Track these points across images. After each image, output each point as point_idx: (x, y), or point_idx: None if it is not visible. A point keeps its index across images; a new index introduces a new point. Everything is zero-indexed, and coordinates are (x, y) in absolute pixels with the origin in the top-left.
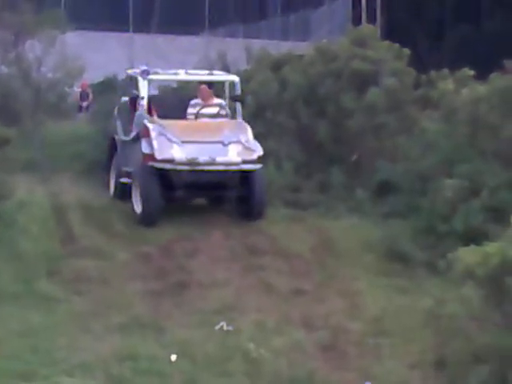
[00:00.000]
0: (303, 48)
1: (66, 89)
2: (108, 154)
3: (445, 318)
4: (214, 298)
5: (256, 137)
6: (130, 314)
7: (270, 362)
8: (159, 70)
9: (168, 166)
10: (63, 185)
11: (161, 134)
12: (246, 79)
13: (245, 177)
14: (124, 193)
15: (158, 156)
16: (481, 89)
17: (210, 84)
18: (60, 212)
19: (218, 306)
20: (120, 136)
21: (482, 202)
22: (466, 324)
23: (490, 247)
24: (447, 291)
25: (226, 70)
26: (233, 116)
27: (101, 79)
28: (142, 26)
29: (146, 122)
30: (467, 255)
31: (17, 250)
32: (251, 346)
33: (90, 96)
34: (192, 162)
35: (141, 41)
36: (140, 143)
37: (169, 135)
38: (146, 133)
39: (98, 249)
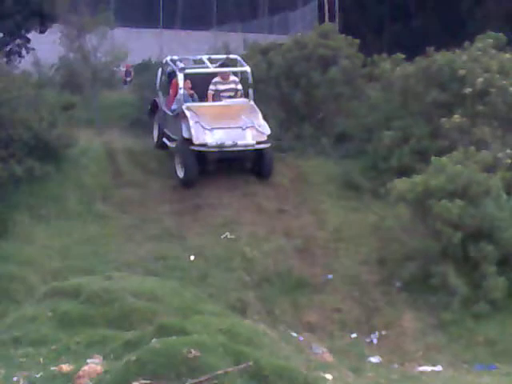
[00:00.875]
0: (284, 39)
1: (115, 68)
2: (150, 112)
3: (385, 229)
4: (220, 216)
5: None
6: (161, 227)
7: (261, 261)
8: (189, 57)
9: (203, 149)
10: (114, 136)
11: (196, 121)
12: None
13: (258, 151)
14: (163, 145)
15: (195, 141)
16: (410, 68)
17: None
18: (111, 155)
19: (223, 221)
20: (162, 106)
21: (410, 147)
22: (399, 233)
23: (417, 179)
24: (386, 210)
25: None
26: (246, 95)
27: (139, 62)
28: (169, 23)
29: (184, 107)
30: (400, 184)
31: (80, 182)
32: (247, 249)
33: (132, 74)
34: (220, 146)
35: (167, 34)
36: (180, 124)
37: (202, 123)
38: (184, 117)
39: (138, 181)
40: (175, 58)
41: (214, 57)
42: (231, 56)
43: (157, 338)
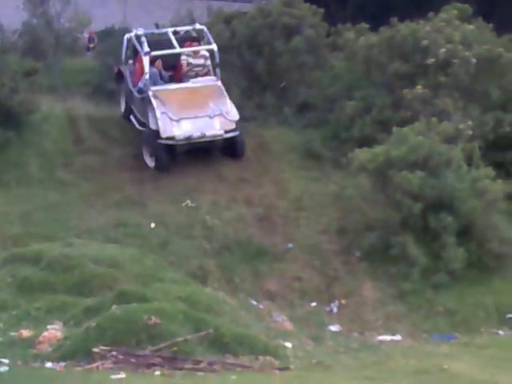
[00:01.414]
0: (248, 8)
1: (78, 35)
2: (116, 79)
3: (345, 199)
4: (181, 184)
5: None
6: (122, 194)
7: (221, 229)
8: (154, 31)
9: (170, 142)
10: (76, 103)
11: (163, 112)
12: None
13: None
14: (129, 117)
15: (163, 134)
16: (373, 38)
17: (196, 39)
18: (73, 122)
19: (184, 189)
20: (128, 82)
21: (372, 117)
22: (360, 203)
23: (378, 149)
24: (347, 180)
25: (193, 22)
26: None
27: (103, 28)
28: None
29: (151, 94)
30: (361, 154)
31: (41, 149)
32: (208, 217)
33: (95, 40)
34: (188, 138)
35: (132, 0)
36: (147, 111)
37: (169, 113)
38: (150, 106)
39: (99, 148)
40: (140, 32)
41: (179, 28)
42: (197, 26)
43: (117, 305)
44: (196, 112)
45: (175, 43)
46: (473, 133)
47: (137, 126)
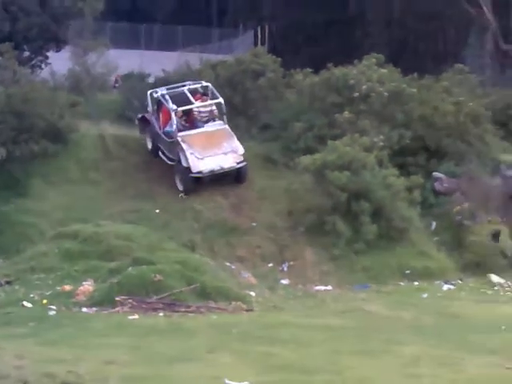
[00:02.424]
0: (228, 58)
1: (108, 77)
2: (141, 124)
3: (293, 191)
4: None
5: None
6: (137, 189)
7: (206, 214)
8: (175, 90)
9: (199, 175)
10: (105, 126)
11: (191, 153)
12: (197, 74)
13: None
14: (158, 152)
15: (193, 170)
16: (315, 78)
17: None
18: (103, 139)
19: None
20: (155, 126)
21: (313, 134)
22: (303, 194)
23: (317, 156)
24: (295, 178)
25: (189, 69)
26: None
27: (125, 72)
28: (148, 46)
29: (179, 139)
30: (305, 160)
31: (80, 158)
32: (196, 205)
33: (119, 81)
34: (211, 171)
35: (146, 54)
36: (177, 151)
37: (196, 153)
38: (180, 148)
39: (121, 156)
40: (164, 92)
41: (192, 87)
42: (204, 83)
43: (132, 267)
44: (215, 151)
45: (192, 99)
46: (383, 144)
47: (166, 161)
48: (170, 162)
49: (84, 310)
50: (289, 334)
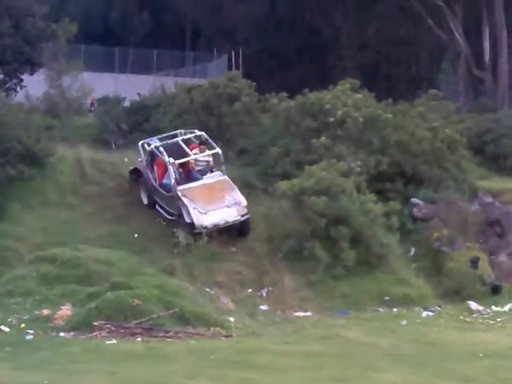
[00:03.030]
0: (203, 82)
1: (83, 101)
2: (132, 176)
3: (272, 216)
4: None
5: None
6: (114, 213)
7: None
8: (168, 141)
9: (203, 230)
10: (81, 149)
11: (194, 208)
12: (172, 98)
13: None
14: (154, 205)
15: (197, 225)
16: (291, 103)
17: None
18: (79, 162)
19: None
20: (151, 180)
21: (290, 159)
22: (282, 219)
23: (295, 181)
24: (273, 203)
25: (164, 93)
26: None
27: (100, 96)
28: (122, 69)
29: (179, 193)
30: (283, 185)
31: (57, 181)
32: (176, 230)
33: (95, 105)
34: (215, 225)
35: (121, 77)
36: (178, 205)
37: (199, 208)
38: (181, 203)
39: (98, 180)
40: (157, 144)
41: (186, 137)
42: (197, 132)
43: (110, 292)
44: (217, 204)
45: (187, 150)
46: (360, 170)
47: (165, 215)
48: (169, 217)
49: (62, 334)
50: (266, 360)
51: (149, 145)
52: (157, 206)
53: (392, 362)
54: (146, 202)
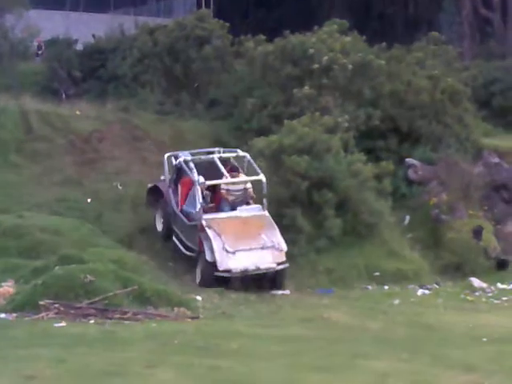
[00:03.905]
0: (168, 22)
1: (29, 43)
2: (150, 196)
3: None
4: (113, 166)
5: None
6: (64, 175)
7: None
8: (201, 156)
9: (226, 275)
10: (27, 100)
11: (220, 244)
12: (132, 40)
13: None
14: (170, 237)
15: (220, 267)
16: (269, 47)
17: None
18: (25, 115)
19: (115, 171)
20: (172, 204)
21: (268, 112)
22: None
23: (273, 138)
24: None
25: (123, 35)
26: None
27: (49, 38)
28: (74, 7)
29: (204, 223)
30: (259, 142)
31: None
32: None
33: (43, 48)
34: (243, 272)
35: (73, 16)
36: (200, 239)
37: (226, 246)
38: (205, 236)
39: (46, 136)
40: (188, 158)
41: (224, 155)
42: (240, 153)
43: (59, 266)
44: (250, 244)
45: (225, 172)
46: (348, 125)
47: (183, 250)
48: (187, 252)
49: (2, 315)
50: (238, 346)
51: (176, 158)
52: (174, 238)
53: (382, 348)
54: (159, 229)
